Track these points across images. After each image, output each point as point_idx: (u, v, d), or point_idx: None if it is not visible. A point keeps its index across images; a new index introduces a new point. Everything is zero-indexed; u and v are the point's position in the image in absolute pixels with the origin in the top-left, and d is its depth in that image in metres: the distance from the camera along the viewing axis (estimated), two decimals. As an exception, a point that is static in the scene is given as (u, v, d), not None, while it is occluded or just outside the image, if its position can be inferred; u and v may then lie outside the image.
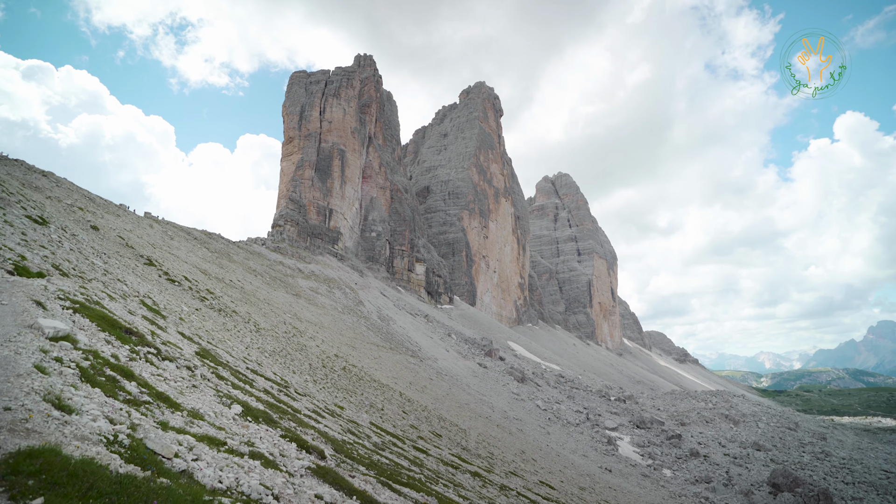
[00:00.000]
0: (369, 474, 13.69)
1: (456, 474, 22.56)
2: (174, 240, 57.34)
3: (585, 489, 36.55)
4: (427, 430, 33.80)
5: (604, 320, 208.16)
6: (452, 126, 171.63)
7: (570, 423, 62.66)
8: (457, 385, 62.15)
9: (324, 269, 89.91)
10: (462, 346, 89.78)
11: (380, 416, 30.84)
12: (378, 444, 20.78)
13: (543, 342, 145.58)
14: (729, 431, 67.73)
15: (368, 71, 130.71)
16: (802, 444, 63.70)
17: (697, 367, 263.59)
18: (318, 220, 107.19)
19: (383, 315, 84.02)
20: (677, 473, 51.48)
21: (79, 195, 46.80)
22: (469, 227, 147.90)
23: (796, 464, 56.27)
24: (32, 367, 8.08)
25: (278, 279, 71.32)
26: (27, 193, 33.04)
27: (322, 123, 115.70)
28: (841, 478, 52.45)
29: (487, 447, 37.34)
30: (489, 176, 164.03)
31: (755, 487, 47.94)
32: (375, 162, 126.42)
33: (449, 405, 49.13)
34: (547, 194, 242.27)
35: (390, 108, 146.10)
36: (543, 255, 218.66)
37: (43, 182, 42.37)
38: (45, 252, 20.55)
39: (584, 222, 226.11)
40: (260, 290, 58.01)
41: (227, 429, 11.04)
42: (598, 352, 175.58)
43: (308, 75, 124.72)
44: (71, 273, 19.65)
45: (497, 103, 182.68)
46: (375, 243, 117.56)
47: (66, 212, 36.33)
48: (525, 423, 55.67)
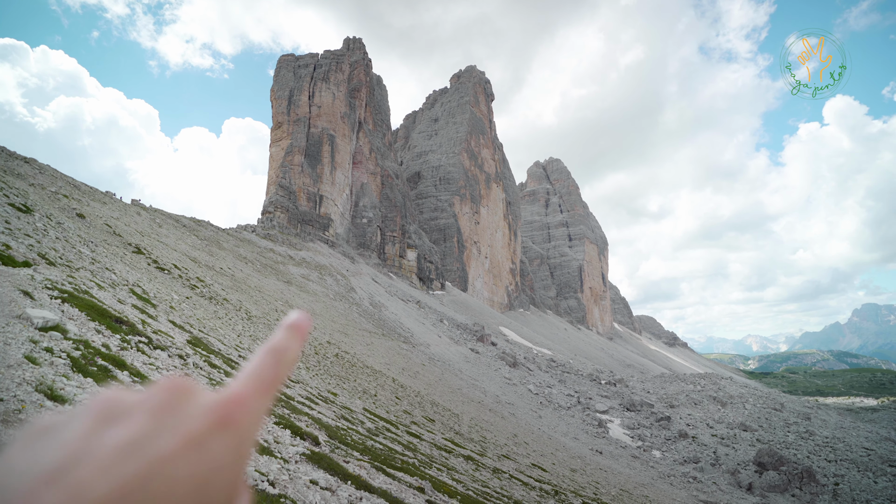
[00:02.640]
0: (364, 459, 13.81)
1: (449, 458, 22.85)
2: (162, 227, 56.69)
3: (577, 471, 37.24)
4: (420, 415, 34.11)
5: (595, 305, 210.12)
6: (443, 111, 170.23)
7: (562, 406, 63.55)
8: (449, 370, 62.64)
9: (315, 256, 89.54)
10: (454, 331, 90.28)
11: (373, 402, 31.04)
12: (372, 430, 20.95)
13: (535, 327, 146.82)
14: (717, 413, 69.13)
15: (358, 54, 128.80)
16: (787, 424, 65.24)
17: (687, 351, 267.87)
18: (309, 206, 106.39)
19: (375, 301, 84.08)
20: (666, 454, 52.60)
21: (63, 182, 45.98)
22: (460, 212, 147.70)
23: (781, 443, 57.68)
24: (23, 358, 8.00)
25: (269, 266, 70.95)
26: (9, 181, 32.38)
27: (311, 108, 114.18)
28: (824, 456, 53.90)
29: (480, 431, 37.81)
30: (480, 161, 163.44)
31: (741, 467, 49.15)
32: (366, 147, 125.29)
33: (441, 390, 49.56)
34: (538, 179, 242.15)
35: (380, 92, 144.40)
36: (535, 241, 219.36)
37: (25, 169, 41.54)
38: (30, 241, 20.22)
39: (575, 207, 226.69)
40: (251, 278, 57.70)
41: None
42: (589, 336, 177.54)
43: (296, 59, 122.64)
44: (58, 262, 19.39)
45: (488, 88, 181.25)
46: (366, 230, 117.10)
47: (51, 199, 35.70)
48: (517, 407, 56.39)
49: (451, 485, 16.27)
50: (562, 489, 26.24)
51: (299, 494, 8.62)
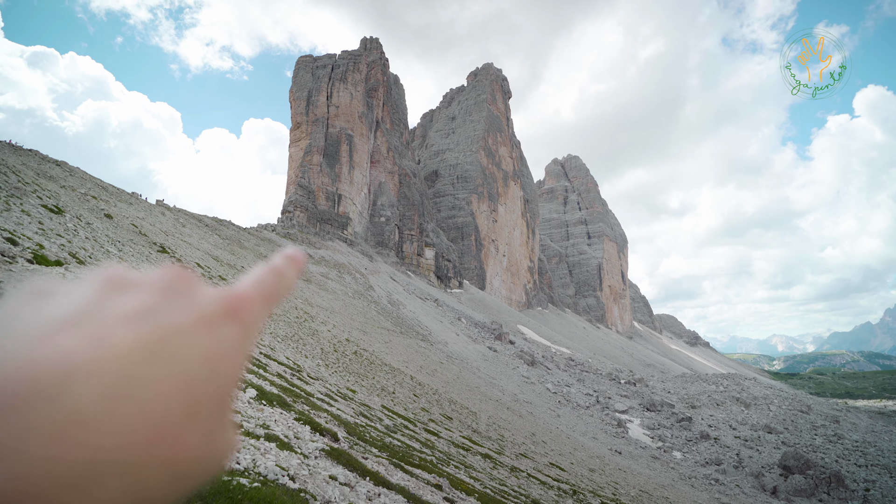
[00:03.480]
0: (382, 456, 13.96)
1: (467, 456, 22.90)
2: (186, 227, 57.97)
3: (595, 471, 36.94)
4: (438, 412, 34.25)
5: (614, 304, 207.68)
6: (460, 109, 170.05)
7: (580, 405, 63.05)
8: (467, 368, 62.68)
9: (334, 255, 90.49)
10: (472, 329, 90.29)
11: (391, 400, 31.28)
12: (390, 427, 21.13)
13: (553, 326, 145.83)
14: (740, 414, 67.73)
15: (375, 54, 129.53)
16: (815, 427, 63.55)
17: (709, 351, 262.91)
18: (328, 205, 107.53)
19: (393, 300, 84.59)
20: (687, 455, 51.76)
21: (92, 184, 47.37)
22: (478, 210, 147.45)
23: (808, 446, 56.22)
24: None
25: (289, 265, 71.92)
26: (42, 183, 33.51)
27: (329, 108, 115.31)
28: (854, 460, 52.36)
29: (498, 430, 37.78)
30: (498, 159, 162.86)
31: (766, 469, 48.08)
32: (383, 146, 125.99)
33: (459, 388, 49.64)
34: (556, 177, 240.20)
35: (397, 91, 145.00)
36: (553, 239, 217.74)
37: (57, 171, 42.92)
38: (61, 241, 20.92)
39: (593, 205, 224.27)
40: (271, 276, 58.54)
41: (242, 412, 11.30)
42: (608, 335, 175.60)
43: (314, 60, 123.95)
44: (87, 261, 20.01)
45: (505, 85, 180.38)
46: (384, 228, 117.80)
47: (81, 201, 36.84)
48: (535, 406, 56.15)
49: (469, 482, 16.33)
50: (580, 489, 26.07)
51: (319, 489, 8.78)
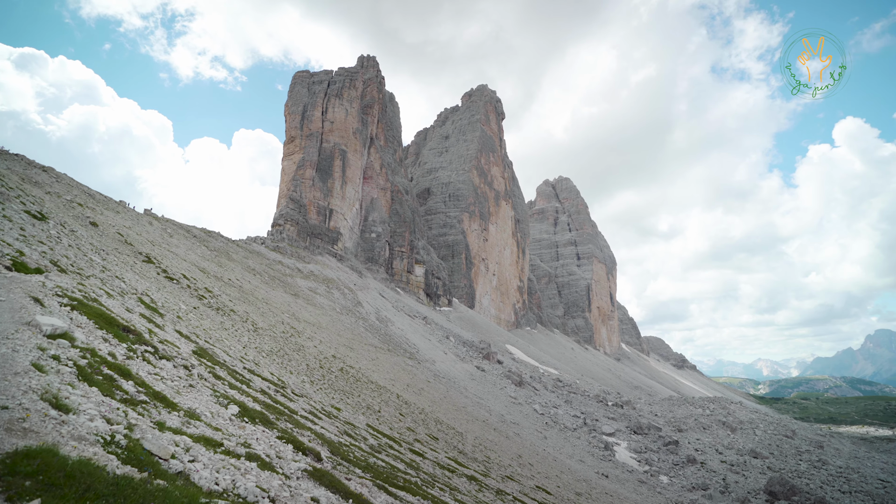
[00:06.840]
0: (365, 477, 13.62)
1: (452, 478, 22.47)
2: (173, 237, 57.26)
3: (582, 494, 36.45)
4: (424, 432, 33.70)
5: (602, 325, 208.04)
6: (454, 128, 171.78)
7: (568, 427, 62.55)
8: (454, 388, 62.03)
9: (323, 270, 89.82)
10: (460, 348, 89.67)
11: (376, 418, 30.74)
12: (375, 447, 20.70)
13: (541, 346, 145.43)
14: (726, 438, 67.64)
15: (371, 72, 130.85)
16: (799, 452, 63.62)
17: (695, 374, 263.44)
18: (319, 220, 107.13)
19: (382, 316, 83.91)
20: (674, 480, 51.39)
21: (79, 191, 46.74)
22: (469, 229, 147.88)
23: (793, 472, 56.19)
24: (30, 365, 8.03)
25: (277, 279, 71.22)
26: (27, 188, 32.98)
27: (324, 123, 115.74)
28: (838, 486, 52.38)
29: (484, 451, 37.24)
30: (490, 179, 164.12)
31: (752, 495, 47.86)
32: (377, 163, 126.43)
33: (446, 408, 49.02)
34: (547, 198, 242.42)
35: (392, 109, 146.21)
36: (543, 259, 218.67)
37: (43, 177, 42.31)
38: (43, 248, 20.49)
39: (583, 226, 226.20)
40: (258, 290, 57.91)
41: (223, 429, 10.98)
42: (596, 356, 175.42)
43: (311, 75, 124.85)
44: (69, 269, 19.60)
45: (499, 106, 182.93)
46: (375, 244, 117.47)
47: (66, 207, 36.26)
48: (522, 427, 55.57)
49: (454, 506, 15.97)
50: (567, 513, 25.68)
51: (300, 512, 8.50)
